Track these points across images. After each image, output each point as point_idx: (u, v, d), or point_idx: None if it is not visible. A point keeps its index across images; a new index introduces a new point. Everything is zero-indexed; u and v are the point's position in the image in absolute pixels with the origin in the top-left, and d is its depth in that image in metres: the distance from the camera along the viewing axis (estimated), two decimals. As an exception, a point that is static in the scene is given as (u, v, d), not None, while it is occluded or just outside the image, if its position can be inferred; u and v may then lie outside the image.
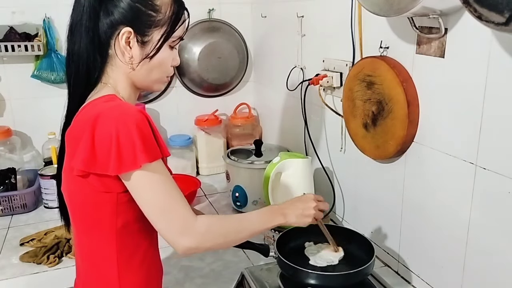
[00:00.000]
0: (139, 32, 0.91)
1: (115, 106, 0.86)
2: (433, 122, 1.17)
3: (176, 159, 2.17)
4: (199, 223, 0.87)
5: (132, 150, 0.81)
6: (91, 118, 0.84)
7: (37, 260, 1.44)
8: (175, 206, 0.86)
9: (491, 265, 1.04)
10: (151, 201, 0.86)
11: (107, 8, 0.89)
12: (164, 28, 0.93)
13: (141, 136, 0.82)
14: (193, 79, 2.26)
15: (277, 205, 1.07)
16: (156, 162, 0.85)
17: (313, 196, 1.10)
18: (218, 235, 0.91)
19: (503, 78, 0.96)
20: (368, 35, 1.37)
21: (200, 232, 0.87)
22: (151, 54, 0.93)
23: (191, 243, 0.86)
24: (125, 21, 0.89)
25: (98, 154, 0.82)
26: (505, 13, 0.76)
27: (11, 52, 1.87)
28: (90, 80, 0.93)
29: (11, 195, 1.79)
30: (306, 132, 1.77)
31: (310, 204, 1.06)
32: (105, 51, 0.92)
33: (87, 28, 0.89)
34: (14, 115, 2.03)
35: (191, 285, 1.36)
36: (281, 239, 1.25)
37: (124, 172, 0.83)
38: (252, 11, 2.28)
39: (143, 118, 0.85)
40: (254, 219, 0.98)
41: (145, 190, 0.85)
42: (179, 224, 0.86)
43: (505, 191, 0.97)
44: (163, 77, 0.99)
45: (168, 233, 0.86)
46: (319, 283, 1.12)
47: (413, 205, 1.28)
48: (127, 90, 0.96)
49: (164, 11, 0.92)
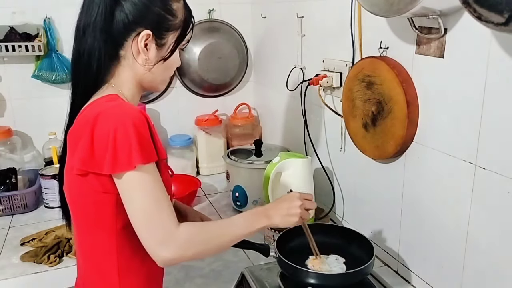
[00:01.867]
0: (158, 35, 0.93)
1: (116, 106, 0.86)
2: (432, 122, 1.17)
3: (176, 159, 2.17)
4: (181, 232, 0.85)
5: (128, 150, 0.81)
6: (92, 117, 0.84)
7: (37, 260, 1.44)
8: (159, 213, 0.84)
9: (491, 265, 1.04)
10: (137, 204, 0.85)
11: (124, 10, 0.90)
12: (178, 32, 0.96)
13: (138, 137, 0.82)
14: (193, 79, 2.26)
15: (260, 207, 1.03)
16: (150, 164, 0.85)
17: (298, 194, 1.06)
18: (199, 243, 0.89)
19: (503, 78, 0.96)
20: (368, 35, 1.37)
21: (181, 241, 0.85)
22: (166, 56, 0.96)
23: (171, 254, 0.84)
24: (145, 24, 0.91)
25: (96, 153, 0.83)
26: (505, 13, 0.77)
27: (11, 53, 1.87)
28: (99, 81, 0.94)
29: (12, 195, 1.79)
30: (306, 132, 1.77)
31: (296, 203, 1.03)
32: (116, 52, 0.93)
33: (101, 28, 0.90)
34: (15, 115, 2.04)
35: (191, 285, 1.36)
36: (281, 238, 1.25)
37: (118, 172, 0.83)
38: (252, 11, 2.28)
39: (142, 118, 0.85)
40: (237, 223, 0.95)
41: (135, 191, 0.84)
42: (160, 233, 0.84)
43: (505, 191, 0.97)
44: (168, 77, 1.03)
45: (148, 243, 0.84)
46: (319, 282, 1.12)
47: (413, 205, 1.28)
48: (132, 91, 0.97)
49: (179, 15, 0.95)
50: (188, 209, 1.24)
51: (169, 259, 0.85)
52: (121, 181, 0.84)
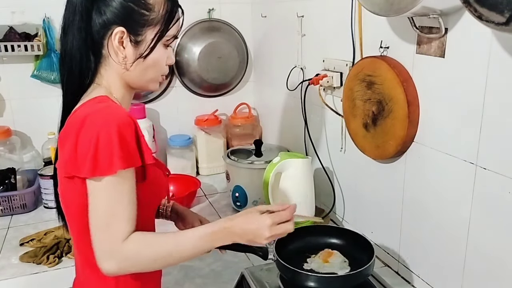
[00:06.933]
0: (132, 31, 0.90)
1: (102, 109, 0.84)
2: (433, 122, 1.17)
3: (176, 159, 2.17)
4: (126, 248, 0.82)
5: (109, 155, 0.79)
6: (79, 119, 0.83)
7: (37, 260, 1.44)
8: (111, 225, 0.82)
9: (491, 265, 1.04)
10: (96, 211, 0.83)
11: (99, 8, 0.88)
12: (157, 27, 0.91)
13: (120, 141, 0.80)
14: (193, 79, 2.25)
15: (227, 222, 0.90)
16: (130, 170, 0.83)
17: (268, 218, 0.90)
18: (144, 260, 0.85)
19: (504, 78, 0.95)
20: (368, 35, 1.37)
21: (124, 257, 0.83)
22: (144, 53, 0.91)
23: (113, 268, 0.83)
24: (118, 21, 0.88)
25: (78, 156, 0.81)
26: (505, 13, 0.76)
27: (11, 52, 1.87)
28: (83, 81, 0.92)
29: (11, 195, 1.78)
30: (306, 132, 1.77)
31: (263, 227, 0.89)
32: (98, 51, 0.91)
33: (80, 28, 0.88)
34: (14, 115, 2.03)
35: (191, 285, 1.36)
36: (280, 241, 1.24)
37: (97, 176, 0.81)
38: (252, 11, 2.28)
39: (129, 122, 0.83)
40: (193, 242, 0.87)
41: (98, 198, 0.82)
42: (106, 246, 0.82)
43: (505, 191, 0.97)
44: (158, 76, 0.98)
45: (95, 251, 0.83)
46: (319, 285, 1.12)
47: (413, 205, 1.28)
48: (121, 91, 0.95)
49: (157, 9, 0.90)
50: (186, 212, 1.22)
51: (111, 272, 0.84)
52: (92, 184, 0.82)
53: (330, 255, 1.25)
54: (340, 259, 1.24)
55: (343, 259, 1.24)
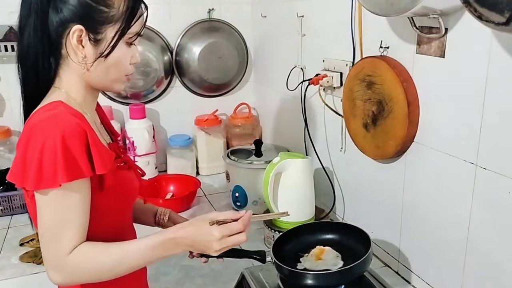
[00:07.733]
0: (91, 29, 0.84)
1: (49, 117, 0.80)
2: (433, 122, 1.17)
3: (176, 159, 2.17)
4: (71, 261, 0.81)
5: (53, 167, 0.77)
6: (28, 129, 0.80)
7: (36, 260, 1.44)
8: (57, 239, 0.81)
9: (491, 265, 1.04)
10: (43, 223, 0.81)
11: (55, 5, 0.83)
12: (118, 24, 0.85)
13: (64, 153, 0.77)
14: (193, 79, 2.25)
15: (176, 232, 0.88)
16: (77, 182, 0.79)
17: (216, 231, 0.87)
18: (90, 272, 0.84)
19: (503, 78, 0.95)
20: (368, 35, 1.37)
21: (70, 270, 0.82)
22: (105, 52, 0.86)
23: (60, 279, 0.82)
24: (76, 19, 0.83)
25: (26, 167, 0.79)
26: (505, 13, 0.76)
27: (10, 52, 1.87)
28: (41, 84, 0.88)
29: (11, 195, 1.79)
30: (306, 132, 1.77)
31: (212, 240, 0.87)
32: (57, 51, 0.86)
33: (36, 27, 0.83)
34: (14, 115, 2.02)
35: (191, 285, 1.36)
36: (278, 242, 1.24)
37: (42, 189, 0.78)
38: (252, 11, 2.28)
39: (77, 131, 0.79)
40: (142, 253, 0.85)
41: (44, 210, 0.80)
42: (52, 258, 0.82)
43: (505, 191, 0.97)
44: (122, 76, 0.91)
45: (44, 262, 0.83)
46: (317, 283, 1.11)
47: (413, 205, 1.28)
48: (81, 93, 0.89)
49: (117, 6, 0.85)
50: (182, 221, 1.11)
51: (58, 283, 0.84)
52: (38, 196, 0.80)
53: (322, 252, 1.24)
54: (332, 255, 1.23)
55: (335, 254, 1.23)
